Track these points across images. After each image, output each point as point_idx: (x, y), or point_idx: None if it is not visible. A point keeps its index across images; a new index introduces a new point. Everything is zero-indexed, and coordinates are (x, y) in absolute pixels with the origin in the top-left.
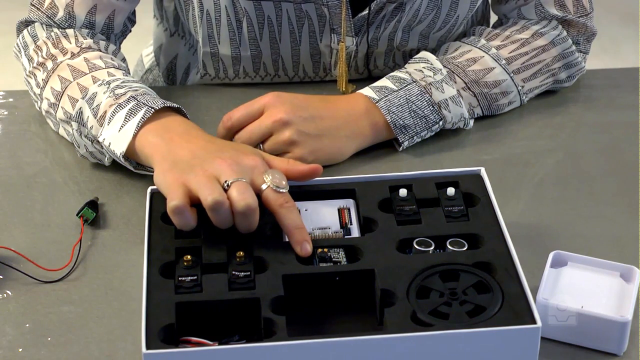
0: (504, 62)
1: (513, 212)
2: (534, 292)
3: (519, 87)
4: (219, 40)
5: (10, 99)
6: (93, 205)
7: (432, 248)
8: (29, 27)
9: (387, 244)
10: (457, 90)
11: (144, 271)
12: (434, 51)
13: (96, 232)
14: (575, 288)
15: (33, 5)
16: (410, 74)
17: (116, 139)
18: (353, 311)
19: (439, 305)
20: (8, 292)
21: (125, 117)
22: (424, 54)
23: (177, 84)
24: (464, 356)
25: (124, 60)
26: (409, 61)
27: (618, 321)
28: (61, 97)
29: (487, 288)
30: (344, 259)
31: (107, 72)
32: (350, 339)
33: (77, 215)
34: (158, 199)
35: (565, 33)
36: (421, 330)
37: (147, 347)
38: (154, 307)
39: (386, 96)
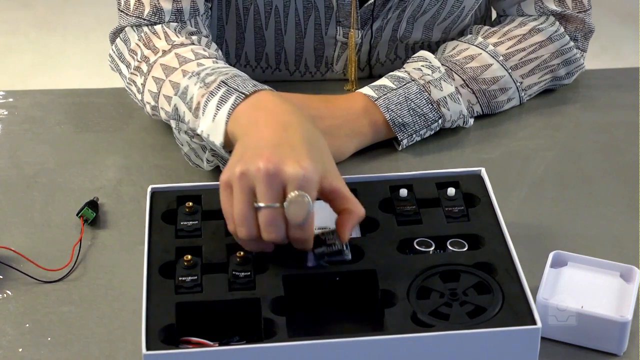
0: (501, 58)
1: (513, 212)
2: (534, 292)
3: (518, 84)
4: (226, 21)
5: (10, 99)
6: (93, 205)
7: (432, 248)
8: (120, 34)
9: (388, 244)
10: (456, 87)
11: (144, 271)
12: (437, 43)
13: (96, 232)
14: (575, 288)
15: (121, 11)
16: (409, 73)
17: (212, 129)
18: (353, 312)
19: (440, 305)
20: (8, 292)
21: (217, 106)
22: (422, 53)
23: None
24: (464, 357)
25: (217, 50)
26: (408, 61)
27: (618, 321)
28: (158, 98)
29: (487, 289)
30: (339, 243)
31: (197, 63)
32: (351, 340)
33: (77, 215)
34: (158, 198)
35: (562, 29)
36: (421, 331)
37: (147, 348)
38: (154, 307)
39: (385, 94)
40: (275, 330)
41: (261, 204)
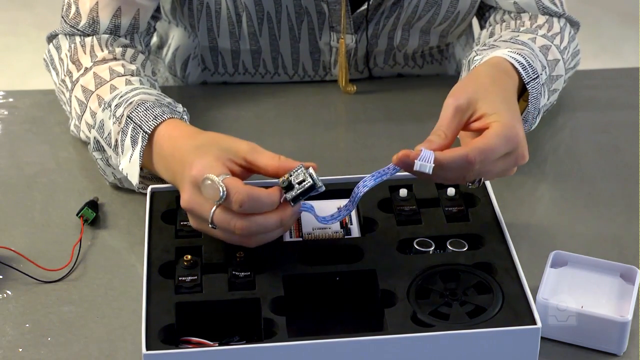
0: (556, 43)
1: (513, 212)
2: (534, 292)
3: (566, 76)
4: (218, 34)
5: (10, 99)
6: (93, 205)
7: (432, 248)
8: (54, 40)
9: (388, 244)
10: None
11: (144, 271)
12: (437, 47)
13: (96, 232)
14: (575, 288)
15: (62, 18)
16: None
17: (129, 169)
18: (353, 312)
19: (440, 305)
20: (8, 292)
21: (132, 146)
22: (505, 33)
23: (178, 75)
24: (464, 357)
25: (144, 60)
26: (502, 39)
27: (618, 321)
28: (80, 122)
29: (487, 288)
30: (310, 179)
31: (110, 85)
32: (351, 340)
33: (77, 215)
34: (158, 198)
35: (574, 32)
36: (421, 331)
37: (147, 348)
38: (154, 307)
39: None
40: (275, 330)
41: (209, 224)
